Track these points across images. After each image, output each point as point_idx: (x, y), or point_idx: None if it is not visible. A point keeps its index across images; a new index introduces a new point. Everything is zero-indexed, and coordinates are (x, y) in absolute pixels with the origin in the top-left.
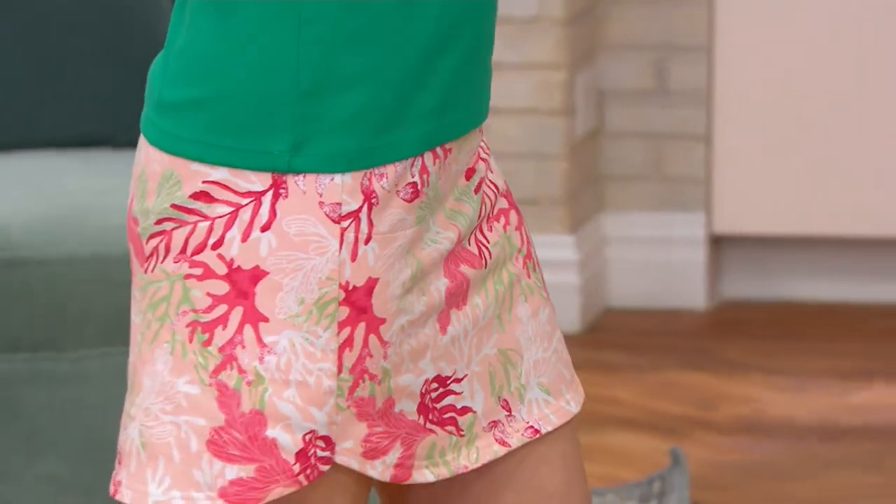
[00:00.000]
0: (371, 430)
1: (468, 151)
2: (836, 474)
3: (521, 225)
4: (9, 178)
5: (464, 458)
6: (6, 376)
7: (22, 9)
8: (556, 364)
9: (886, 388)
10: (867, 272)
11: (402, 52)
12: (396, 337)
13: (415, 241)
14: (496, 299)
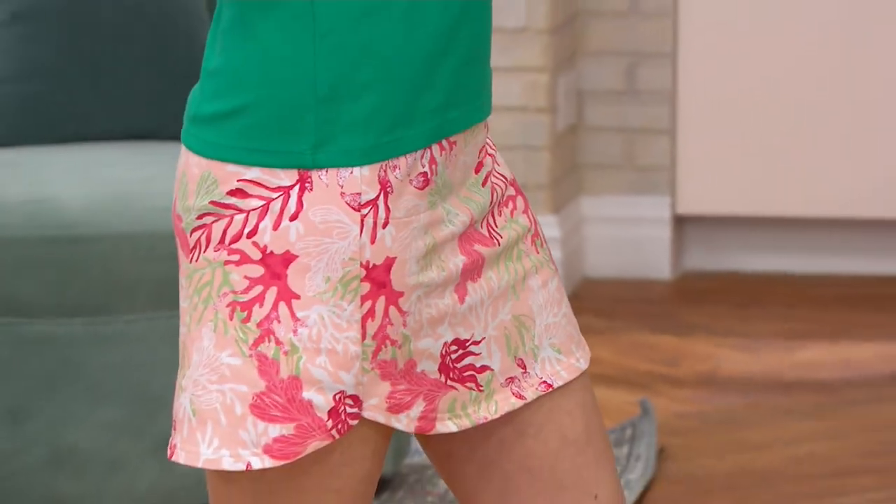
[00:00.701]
0: (394, 388)
1: (474, 144)
2: (783, 421)
3: (527, 208)
4: (69, 166)
5: (483, 410)
6: (69, 338)
7: (79, 20)
8: (565, 327)
9: (826, 347)
10: (808, 248)
11: (408, 57)
12: (414, 307)
13: (431, 223)
14: (508, 273)
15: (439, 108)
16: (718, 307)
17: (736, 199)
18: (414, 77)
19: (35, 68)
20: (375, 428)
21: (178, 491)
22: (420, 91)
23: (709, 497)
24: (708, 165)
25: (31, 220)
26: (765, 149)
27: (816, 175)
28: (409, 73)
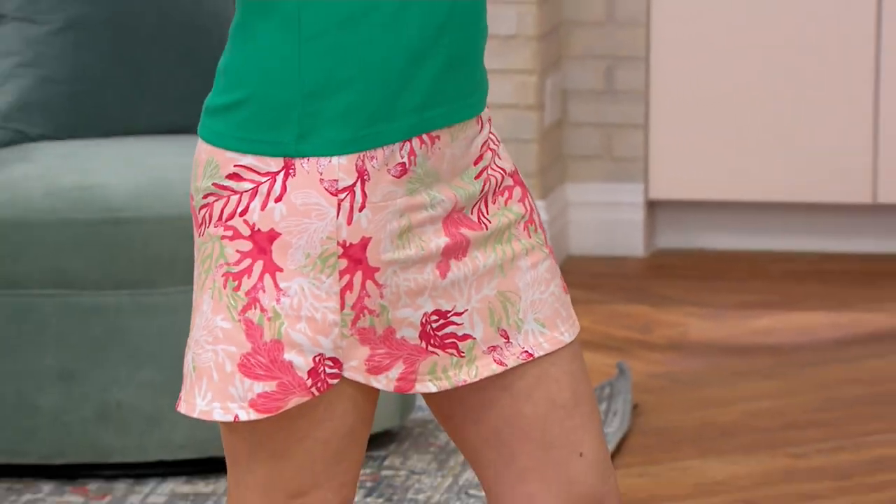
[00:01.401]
0: (374, 351)
1: (464, 139)
2: (742, 381)
3: (524, 198)
4: (115, 157)
5: (464, 374)
6: (114, 308)
7: (123, 28)
8: (552, 304)
9: (781, 316)
10: (764, 228)
11: (388, 60)
12: (390, 280)
13: (408, 207)
14: (496, 254)
15: (418, 107)
16: (686, 281)
17: (701, 185)
18: (393, 78)
19: (84, 70)
20: (356, 387)
21: (209, 442)
22: (399, 90)
23: (677, 447)
24: (677, 156)
25: (81, 205)
26: (727, 142)
27: (770, 165)
28: (388, 75)
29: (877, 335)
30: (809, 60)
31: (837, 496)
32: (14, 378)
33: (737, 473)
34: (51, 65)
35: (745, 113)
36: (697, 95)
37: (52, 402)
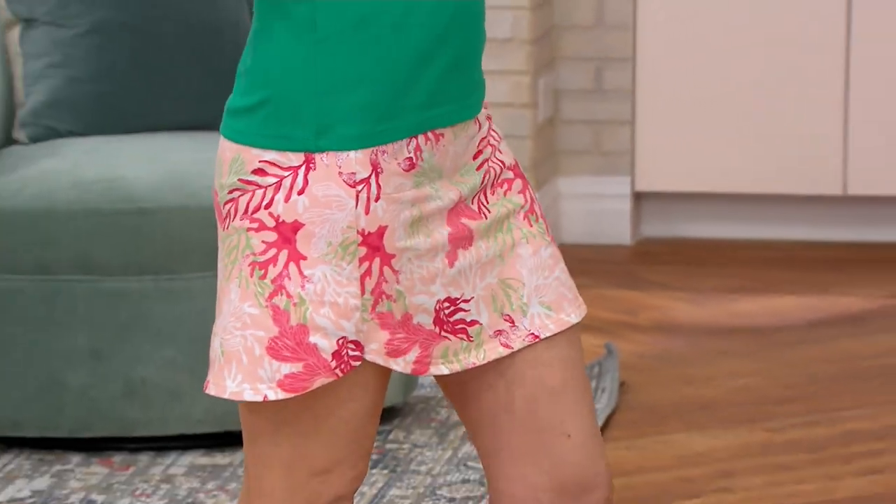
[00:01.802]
0: (393, 335)
1: (466, 137)
2: (723, 360)
3: (524, 189)
4: (137, 152)
5: (473, 357)
6: (138, 292)
7: (144, 32)
8: (557, 288)
9: (758, 300)
10: (743, 218)
11: (397, 61)
12: (405, 267)
13: (417, 198)
14: (496, 243)
15: (423, 105)
16: (670, 267)
17: (685, 178)
18: (401, 77)
19: (109, 71)
20: (374, 369)
21: (226, 416)
22: (406, 89)
23: (661, 422)
24: (661, 151)
25: (106, 196)
26: (708, 138)
27: (748, 159)
28: (397, 74)
29: (847, 317)
30: (783, 62)
31: (811, 468)
32: (44, 357)
33: (717, 446)
34: (78, 66)
35: (725, 111)
36: (681, 94)
37: (79, 380)
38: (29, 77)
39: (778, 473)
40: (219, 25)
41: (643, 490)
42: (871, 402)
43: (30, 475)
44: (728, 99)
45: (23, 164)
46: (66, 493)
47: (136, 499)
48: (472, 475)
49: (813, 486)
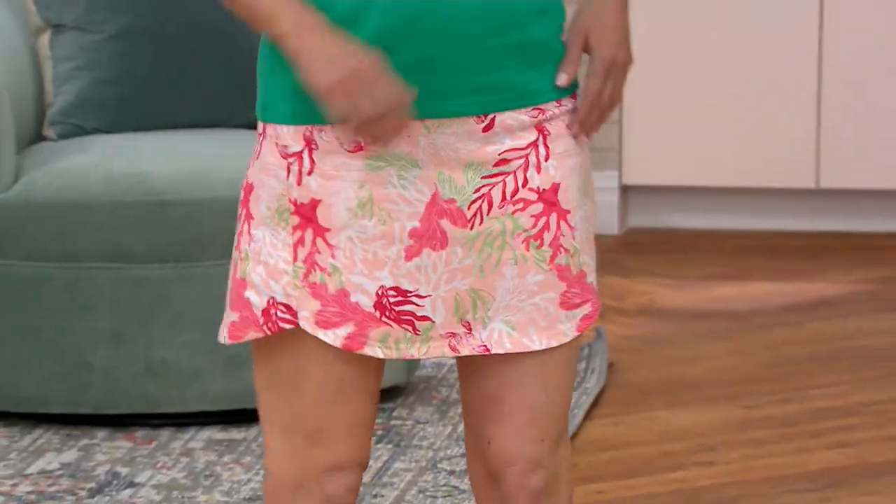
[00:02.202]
0: (324, 307)
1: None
2: (704, 342)
3: (542, 214)
4: (160, 147)
5: (414, 350)
6: (161, 278)
7: (165, 37)
8: (530, 313)
9: (736, 286)
10: (722, 209)
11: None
12: (345, 245)
13: (369, 180)
14: (480, 256)
15: None
16: (654, 255)
17: (668, 172)
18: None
19: (131, 73)
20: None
21: (241, 394)
22: None
23: (647, 399)
24: (646, 148)
25: (131, 189)
26: (690, 136)
27: (727, 155)
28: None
29: (819, 302)
30: (759, 69)
31: (785, 441)
32: (72, 339)
33: (698, 422)
34: (103, 68)
35: (705, 111)
36: (664, 97)
37: (105, 360)
38: (58, 79)
39: (754, 447)
40: (232, 32)
41: (629, 463)
42: (841, 381)
43: (58, 449)
44: (708, 101)
45: (52, 160)
46: (93, 466)
47: (157, 471)
48: None
49: (787, 459)
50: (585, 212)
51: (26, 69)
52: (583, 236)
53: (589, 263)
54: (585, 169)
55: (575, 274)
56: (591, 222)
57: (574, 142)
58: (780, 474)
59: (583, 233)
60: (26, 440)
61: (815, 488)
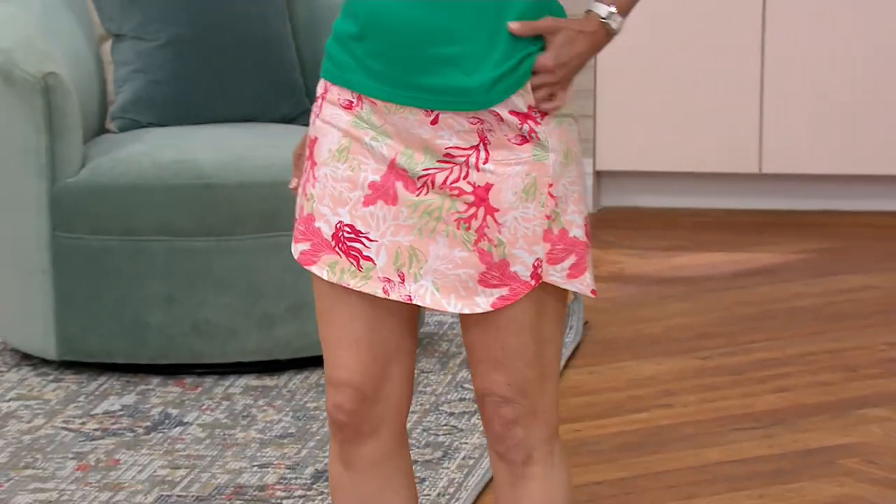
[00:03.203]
0: (298, 225)
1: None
2: (664, 304)
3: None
4: (204, 138)
5: (353, 282)
6: (206, 249)
7: (209, 44)
8: (454, 282)
9: (693, 256)
10: (681, 190)
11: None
12: (322, 180)
13: (350, 133)
14: (420, 220)
15: (351, 70)
16: (623, 230)
17: (636, 160)
18: (341, 44)
19: (181, 75)
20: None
21: (272, 347)
22: (343, 53)
23: (616, 353)
24: (617, 138)
25: (180, 174)
26: (654, 128)
27: (685, 144)
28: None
29: (762, 269)
30: (710, 74)
31: (734, 387)
32: (131, 302)
33: (660, 371)
34: (156, 71)
35: (666, 108)
36: (632, 94)
37: (158, 319)
38: (118, 80)
39: (708, 392)
40: (268, 38)
41: (602, 406)
42: (780, 336)
43: (119, 393)
44: (669, 99)
45: (113, 149)
46: (148, 408)
47: (202, 412)
48: (467, 395)
49: (735, 402)
50: (524, 214)
51: (92, 72)
52: (513, 233)
53: (519, 256)
54: (535, 177)
55: (496, 261)
56: (537, 224)
57: (519, 153)
58: (729, 415)
59: (514, 231)
60: (93, 386)
61: (758, 426)
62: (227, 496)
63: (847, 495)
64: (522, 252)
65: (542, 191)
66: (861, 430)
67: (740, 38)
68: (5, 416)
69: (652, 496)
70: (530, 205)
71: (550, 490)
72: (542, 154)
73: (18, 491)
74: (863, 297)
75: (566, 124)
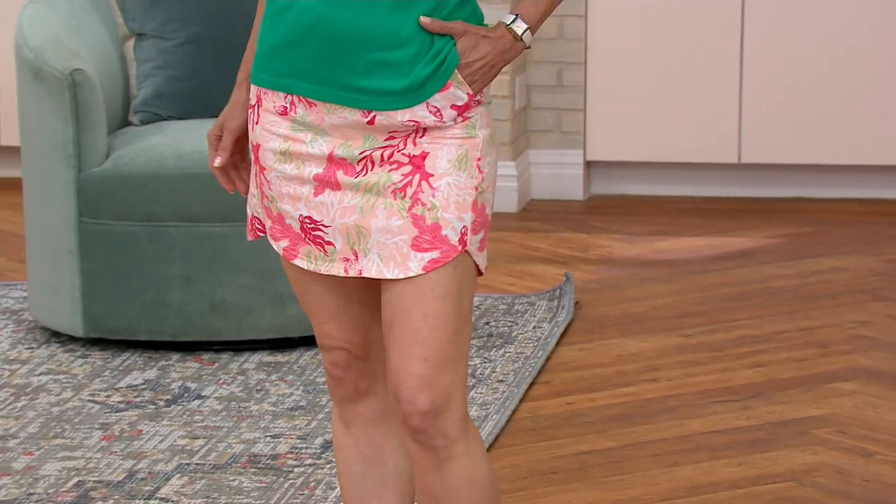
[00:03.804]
0: (273, 224)
1: (340, 118)
2: (647, 285)
3: (409, 175)
4: None
5: (323, 268)
6: (222, 234)
7: (225, 43)
8: (392, 251)
9: (675, 240)
10: (665, 179)
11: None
12: (275, 182)
13: (289, 137)
14: (362, 198)
15: (287, 75)
16: (611, 216)
17: (624, 150)
18: (274, 49)
19: (198, 72)
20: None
21: (284, 325)
22: (276, 59)
23: (604, 331)
24: (606, 130)
25: (198, 163)
26: (641, 121)
27: (668, 136)
28: (272, 47)
29: (740, 252)
30: (690, 71)
31: (714, 363)
32: (152, 283)
33: (645, 348)
34: (176, 68)
35: (652, 102)
36: (621, 89)
37: (177, 299)
38: (140, 76)
39: (689, 367)
40: None
41: (591, 381)
42: (757, 315)
43: (142, 368)
44: (654, 94)
45: (136, 140)
46: (169, 382)
47: (219, 386)
48: None
49: (715, 377)
50: (457, 181)
51: (116, 69)
52: (446, 198)
53: (450, 221)
54: (466, 149)
55: (429, 224)
56: (468, 192)
57: (453, 132)
58: (709, 388)
59: (447, 196)
60: (117, 361)
61: (737, 399)
62: (242, 464)
63: (819, 463)
64: (453, 217)
65: (472, 163)
66: (832, 403)
67: (721, 39)
68: (36, 389)
69: (638, 464)
70: (462, 174)
71: (472, 465)
72: (472, 132)
73: (48, 459)
74: (834, 278)
75: (489, 111)
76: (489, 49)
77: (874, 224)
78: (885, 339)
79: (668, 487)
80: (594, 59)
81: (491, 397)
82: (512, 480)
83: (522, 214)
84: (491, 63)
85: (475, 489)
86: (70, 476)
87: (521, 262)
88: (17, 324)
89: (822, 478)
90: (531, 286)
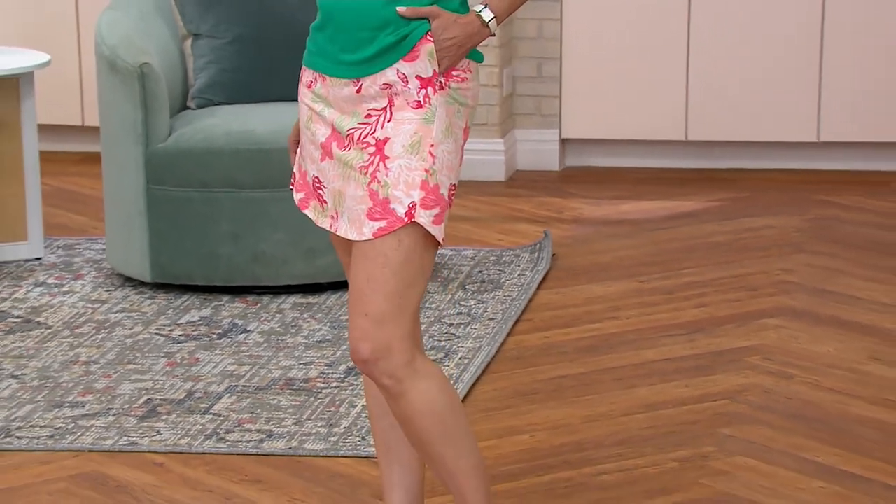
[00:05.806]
0: (299, 179)
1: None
2: (612, 240)
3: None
4: (262, 113)
5: (320, 221)
6: (263, 199)
7: (265, 41)
8: (355, 216)
9: (634, 203)
10: (626, 153)
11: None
12: (305, 144)
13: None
14: (342, 169)
15: (314, 54)
16: (582, 184)
17: (593, 129)
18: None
19: (244, 65)
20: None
21: (314, 273)
22: (311, 42)
23: (576, 278)
24: (578, 113)
25: (242, 140)
26: (606, 106)
27: (629, 118)
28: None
29: (687, 213)
30: (647, 58)
31: (665, 304)
32: (206, 239)
33: (609, 292)
34: (225, 62)
35: (615, 89)
36: (589, 80)
37: (226, 251)
38: (196, 69)
39: (646, 308)
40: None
41: (566, 318)
42: (700, 265)
43: (198, 307)
44: (617, 84)
45: (193, 122)
46: (220, 319)
47: (261, 323)
48: (462, 310)
49: (666, 315)
50: (408, 164)
51: (177, 63)
52: (396, 177)
53: (398, 196)
54: (420, 136)
55: (381, 199)
56: (417, 173)
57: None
58: (661, 325)
59: (398, 176)
60: (178, 301)
61: (684, 333)
62: (280, 386)
63: (750, 384)
64: (402, 194)
65: (424, 149)
66: (761, 335)
67: (670, 41)
68: (112, 324)
69: (604, 386)
70: (414, 157)
71: (421, 399)
72: (430, 119)
73: (123, 380)
74: (764, 234)
75: (455, 107)
76: (458, 32)
77: (798, 191)
78: (805, 283)
79: (628, 405)
80: (568, 55)
81: (483, 332)
82: (500, 399)
83: (509, 182)
84: (458, 43)
85: (426, 419)
86: (140, 395)
87: (508, 221)
88: (97, 271)
89: (752, 396)
90: (516, 241)
